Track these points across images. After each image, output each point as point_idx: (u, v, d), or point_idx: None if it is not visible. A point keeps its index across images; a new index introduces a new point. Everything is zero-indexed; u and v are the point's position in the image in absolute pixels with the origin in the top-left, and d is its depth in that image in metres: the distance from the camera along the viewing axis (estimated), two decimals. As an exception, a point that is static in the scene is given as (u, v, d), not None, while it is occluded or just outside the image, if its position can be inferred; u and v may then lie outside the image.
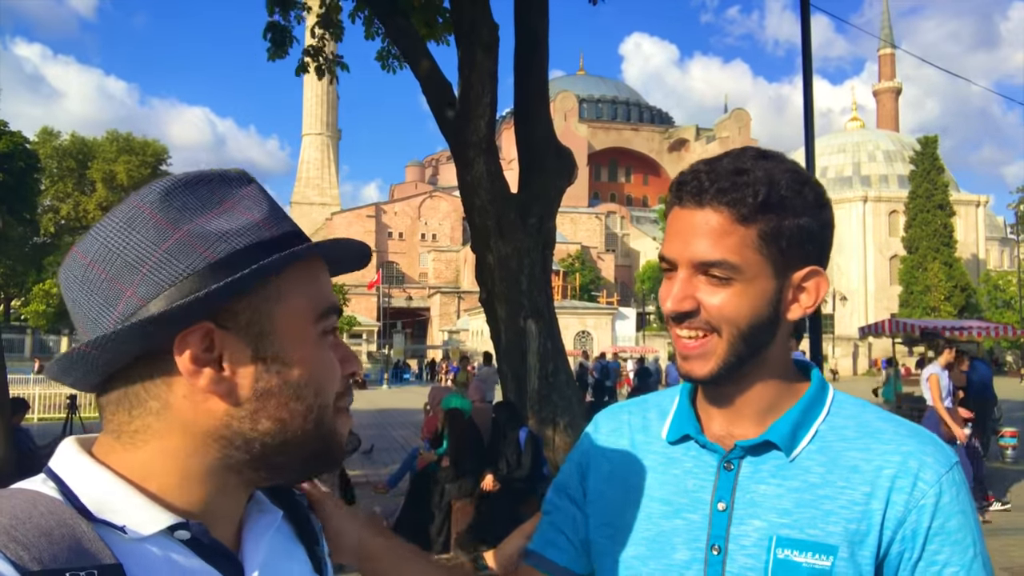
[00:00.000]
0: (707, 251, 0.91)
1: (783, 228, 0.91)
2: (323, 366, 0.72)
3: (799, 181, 0.92)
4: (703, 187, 0.91)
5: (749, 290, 0.91)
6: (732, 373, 0.94)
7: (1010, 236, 77.11)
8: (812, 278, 0.94)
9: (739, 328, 0.92)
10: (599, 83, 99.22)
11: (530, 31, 8.20)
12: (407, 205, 79.78)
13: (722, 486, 0.95)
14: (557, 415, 7.65)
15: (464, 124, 7.77)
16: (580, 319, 49.37)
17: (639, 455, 1.04)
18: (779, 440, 0.94)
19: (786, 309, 0.94)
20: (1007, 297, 56.68)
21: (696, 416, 1.02)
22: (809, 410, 0.96)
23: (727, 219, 0.90)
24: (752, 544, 0.91)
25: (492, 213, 7.71)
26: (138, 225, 0.65)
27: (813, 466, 0.93)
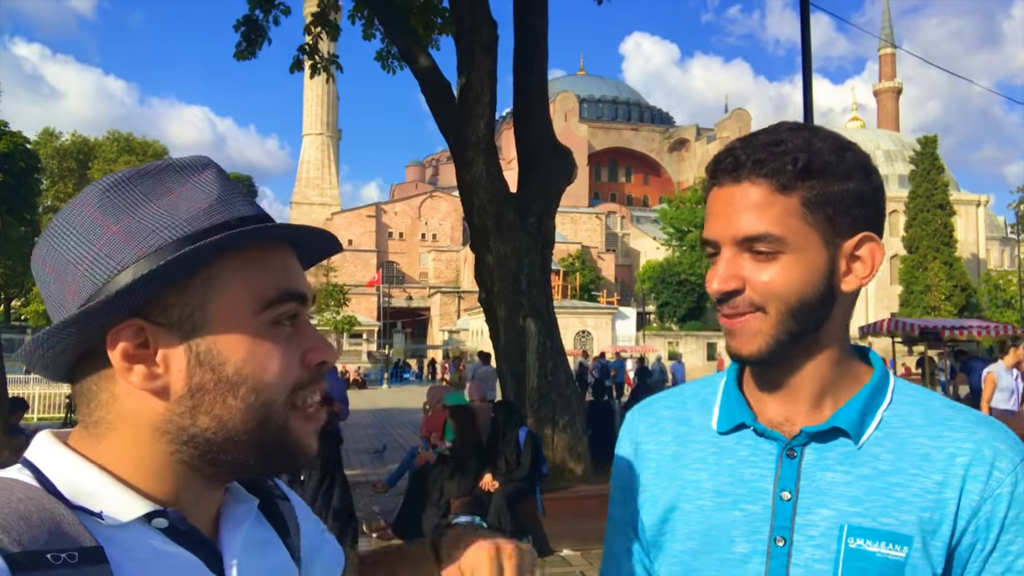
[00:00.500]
0: (749, 225, 0.87)
1: (828, 193, 0.86)
2: (265, 359, 0.68)
3: (840, 146, 0.88)
4: (739, 162, 0.88)
5: (798, 262, 0.87)
6: (783, 352, 0.89)
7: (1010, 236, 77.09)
8: (865, 244, 0.89)
9: (788, 304, 0.87)
10: (599, 83, 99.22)
11: (529, 30, 8.20)
12: (407, 205, 79.80)
13: (785, 475, 0.91)
14: (556, 414, 7.66)
15: (463, 124, 7.78)
16: (580, 319, 49.37)
17: (685, 448, 1.00)
18: (847, 426, 0.90)
19: (840, 281, 0.89)
20: (1007, 297, 56.66)
21: (747, 402, 0.96)
22: (875, 395, 0.92)
23: (767, 190, 0.87)
24: (820, 534, 0.88)
25: (491, 213, 7.72)
26: (76, 223, 0.65)
27: (882, 453, 0.89)
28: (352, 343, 52.99)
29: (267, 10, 9.97)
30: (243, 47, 9.97)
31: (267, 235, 0.69)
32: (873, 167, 0.90)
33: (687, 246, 59.01)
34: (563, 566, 6.32)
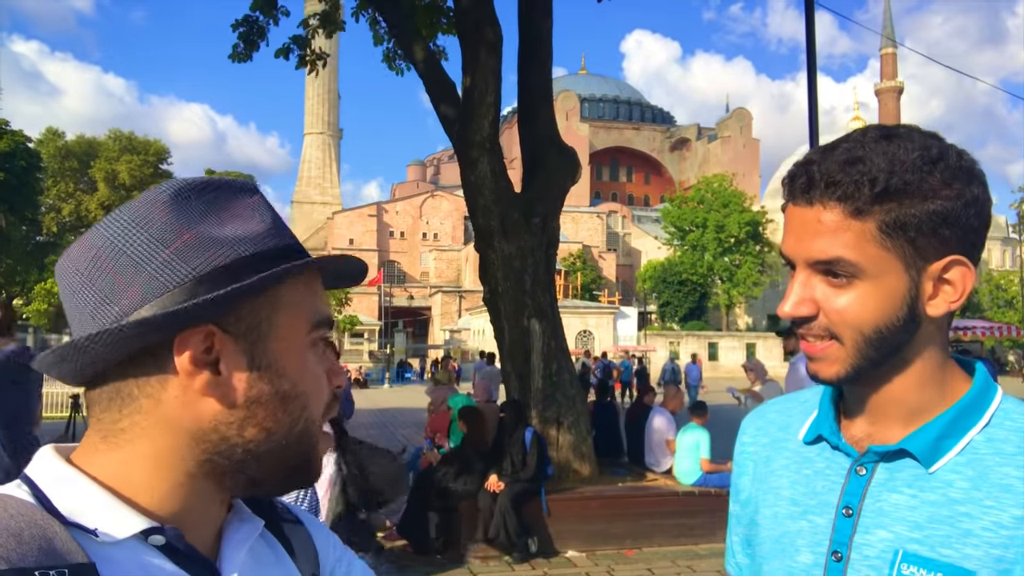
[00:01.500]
0: (821, 250, 0.83)
1: (909, 215, 0.80)
2: (313, 379, 0.72)
3: (928, 160, 0.80)
4: (812, 182, 0.83)
5: (875, 290, 0.82)
6: (865, 375, 0.86)
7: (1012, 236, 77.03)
8: (955, 268, 0.82)
9: (863, 333, 0.83)
10: (601, 82, 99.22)
11: (534, 30, 8.18)
12: (408, 204, 79.81)
13: (850, 491, 0.88)
14: (561, 414, 7.65)
15: (467, 123, 7.76)
16: (582, 318, 49.36)
17: (776, 453, 0.99)
18: (917, 450, 0.84)
19: (925, 305, 0.83)
20: (1009, 297, 56.63)
21: (836, 416, 0.94)
22: (961, 418, 0.85)
23: (840, 215, 0.81)
24: (875, 556, 0.84)
25: (496, 212, 7.70)
26: (147, 224, 0.66)
27: (957, 480, 0.82)
28: (353, 342, 53.00)
29: (269, 12, 9.93)
30: (240, 48, 9.89)
31: (334, 265, 0.75)
32: (971, 179, 0.82)
33: (688, 246, 58.99)
34: (568, 567, 6.30)
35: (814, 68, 9.10)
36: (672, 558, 6.48)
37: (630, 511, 6.95)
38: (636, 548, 6.72)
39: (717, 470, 7.19)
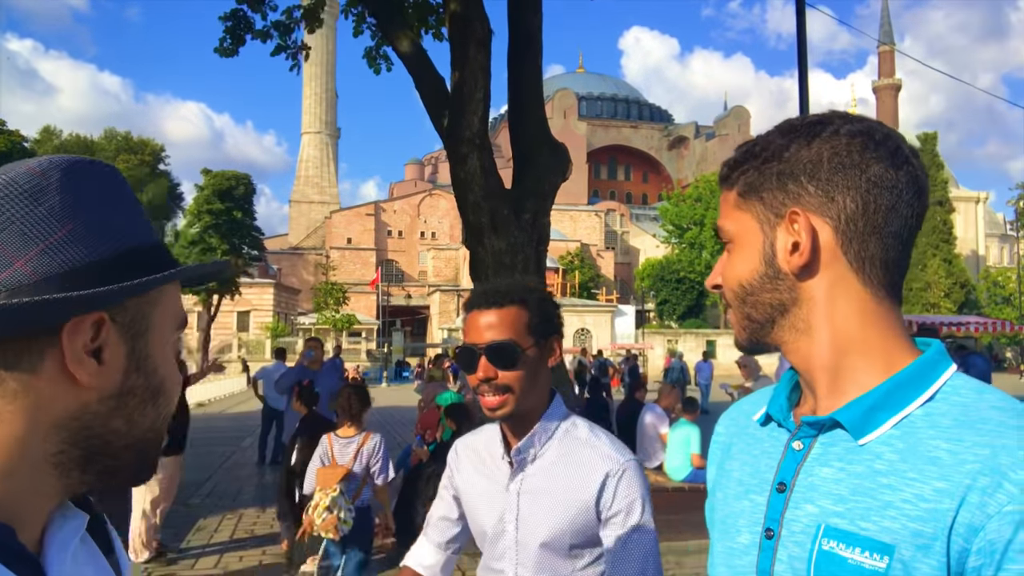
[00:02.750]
0: (715, 223, 0.94)
1: (760, 177, 0.87)
2: (175, 375, 0.73)
3: (789, 129, 0.87)
4: (721, 171, 0.94)
5: (740, 250, 0.90)
6: (762, 337, 0.90)
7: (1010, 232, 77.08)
8: (797, 219, 0.84)
9: (733, 291, 0.90)
10: (598, 81, 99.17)
11: (523, 25, 8.17)
12: (406, 203, 79.76)
13: (785, 466, 0.87)
14: (551, 411, 7.63)
15: (457, 119, 7.75)
16: (580, 317, 49.36)
17: (736, 440, 1.00)
18: (846, 421, 0.82)
19: (783, 261, 0.85)
20: (1006, 293, 56.67)
21: (787, 394, 0.95)
22: (898, 391, 0.81)
23: (724, 189, 0.93)
24: (800, 531, 0.82)
25: (486, 209, 7.68)
26: (44, 198, 0.63)
27: (886, 452, 0.79)
28: (351, 341, 52.98)
29: (256, 7, 9.89)
30: (227, 43, 9.86)
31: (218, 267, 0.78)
32: (852, 139, 0.83)
33: (687, 244, 58.98)
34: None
35: (805, 69, 9.09)
36: (661, 553, 6.46)
37: (620, 508, 6.94)
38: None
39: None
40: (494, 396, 1.48)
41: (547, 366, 1.56)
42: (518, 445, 1.53)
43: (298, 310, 63.73)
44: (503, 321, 1.50)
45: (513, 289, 1.54)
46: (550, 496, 1.50)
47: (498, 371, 1.47)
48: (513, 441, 1.56)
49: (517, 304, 1.52)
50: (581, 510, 1.49)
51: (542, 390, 1.56)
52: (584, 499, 1.48)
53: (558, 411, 1.59)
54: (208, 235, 42.29)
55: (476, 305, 1.55)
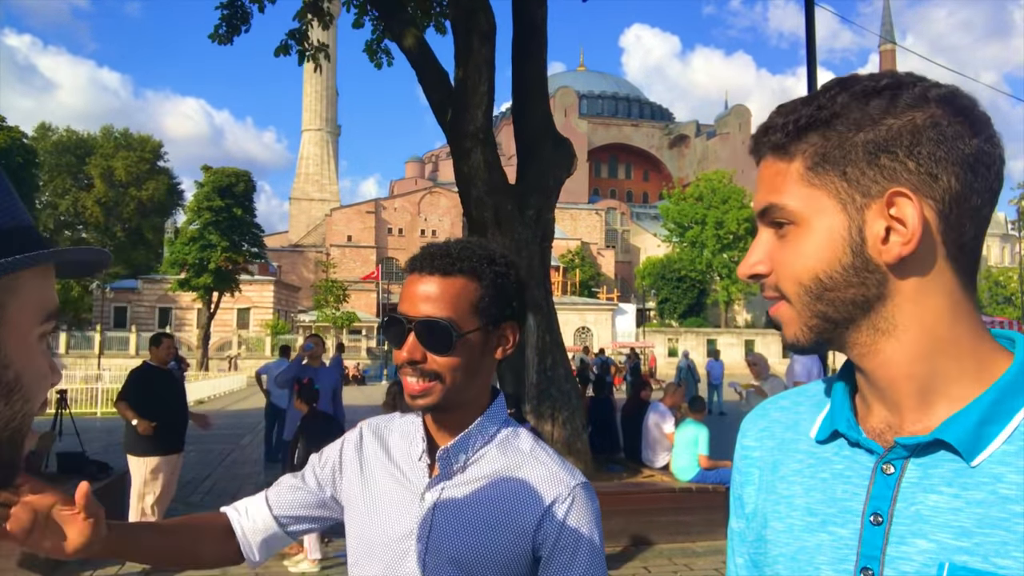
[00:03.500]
0: (760, 199, 0.78)
1: (834, 148, 0.72)
2: (37, 372, 0.67)
3: (869, 91, 0.72)
4: (758, 139, 0.79)
5: (811, 234, 0.74)
6: (831, 337, 0.76)
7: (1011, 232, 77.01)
8: (899, 201, 0.70)
9: (803, 284, 0.75)
10: (599, 79, 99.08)
11: (528, 19, 8.07)
12: (407, 201, 79.65)
13: (878, 494, 0.74)
14: (556, 410, 7.53)
15: (461, 113, 7.64)
16: (580, 315, 49.29)
17: (785, 457, 0.85)
18: (956, 440, 0.70)
19: (877, 250, 0.72)
20: (1008, 293, 56.60)
21: (853, 406, 0.81)
22: (1005, 399, 0.70)
23: (774, 160, 0.77)
24: (915, 571, 0.70)
25: (489, 204, 7.58)
26: None
27: (1008, 473, 0.68)
28: (351, 339, 52.88)
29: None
30: (222, 31, 9.79)
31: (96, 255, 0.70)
32: (943, 105, 0.71)
33: (687, 242, 58.89)
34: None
35: (814, 64, 8.98)
36: (669, 556, 6.37)
37: (626, 508, 6.84)
38: (632, 546, 6.61)
39: (715, 466, 7.08)
40: (418, 381, 1.18)
41: (493, 357, 1.26)
42: (448, 446, 1.22)
43: (298, 307, 63.63)
44: (445, 293, 1.18)
45: (467, 254, 1.20)
46: (476, 514, 1.19)
47: (427, 353, 1.17)
48: (439, 440, 1.25)
49: (467, 275, 1.19)
50: (514, 539, 1.18)
51: (482, 385, 1.26)
52: (520, 525, 1.18)
53: (500, 414, 1.30)
54: (208, 232, 42.20)
55: (417, 267, 1.22)
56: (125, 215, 64.84)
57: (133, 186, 63.84)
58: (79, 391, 20.66)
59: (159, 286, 56.43)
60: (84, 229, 65.72)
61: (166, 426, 6.11)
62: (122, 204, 64.03)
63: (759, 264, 0.78)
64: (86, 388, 21.81)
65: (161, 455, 6.11)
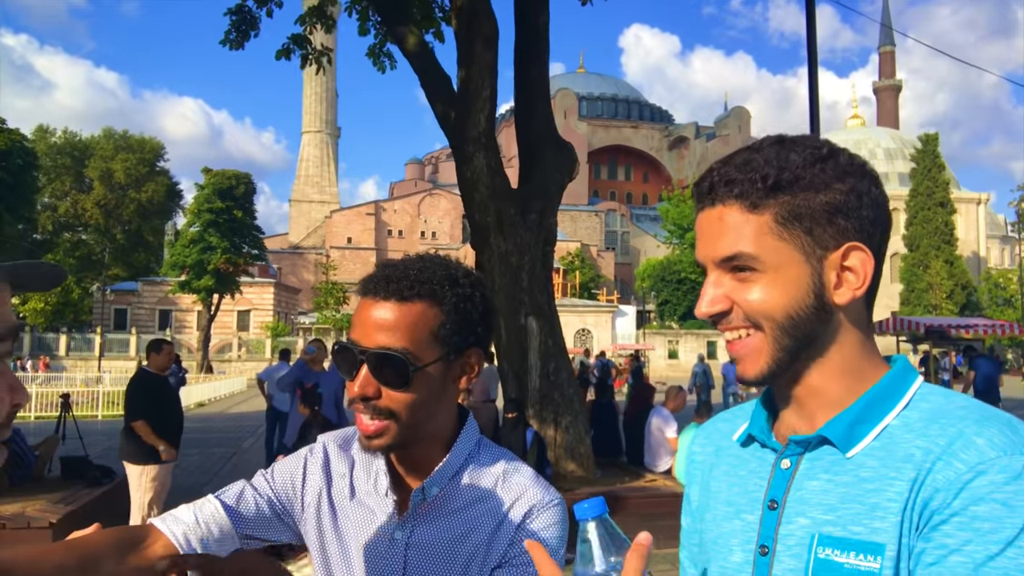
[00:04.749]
0: (726, 246, 0.87)
1: (803, 207, 0.85)
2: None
3: (818, 158, 0.86)
4: (713, 185, 0.89)
5: (779, 280, 0.86)
6: (785, 370, 0.88)
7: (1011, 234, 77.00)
8: (853, 254, 0.85)
9: (776, 321, 0.86)
10: (599, 81, 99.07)
11: (530, 23, 8.07)
12: (407, 203, 79.67)
13: (775, 484, 0.89)
14: (558, 414, 7.53)
15: (463, 118, 7.64)
16: (580, 317, 49.26)
17: (719, 460, 1.01)
18: (834, 436, 0.86)
19: (832, 294, 0.86)
20: (1008, 295, 56.58)
21: (767, 414, 0.96)
22: (876, 404, 0.86)
23: (739, 211, 0.87)
24: (795, 544, 0.84)
25: (492, 209, 7.58)
26: None
27: (869, 461, 0.84)
28: (351, 341, 52.88)
29: (262, 2, 9.84)
30: (232, 36, 9.83)
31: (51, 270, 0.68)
32: (864, 173, 0.87)
33: (687, 244, 58.86)
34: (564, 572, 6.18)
35: (815, 65, 8.98)
36: (671, 561, 6.34)
37: (628, 512, 6.83)
38: (635, 550, 6.61)
39: (717, 471, 7.09)
40: (371, 420, 1.08)
41: (456, 387, 1.16)
42: (423, 484, 1.13)
43: (298, 310, 63.62)
44: (401, 321, 1.07)
45: (426, 276, 1.10)
46: (452, 551, 1.12)
47: (381, 388, 1.07)
48: (405, 475, 1.17)
49: (426, 299, 1.08)
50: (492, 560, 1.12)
51: (445, 417, 1.17)
52: (496, 553, 1.12)
53: (469, 440, 1.20)
54: (208, 234, 42.17)
55: (371, 291, 1.10)
56: (125, 217, 64.82)
57: (133, 188, 63.83)
58: (80, 394, 20.64)
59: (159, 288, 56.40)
60: (84, 231, 65.68)
61: (163, 434, 6.09)
62: (122, 206, 64.01)
63: (718, 303, 0.89)
64: (87, 391, 21.79)
65: (159, 463, 6.09)
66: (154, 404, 6.11)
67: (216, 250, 41.60)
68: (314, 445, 1.26)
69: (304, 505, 1.21)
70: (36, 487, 6.82)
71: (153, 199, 64.54)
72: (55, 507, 6.12)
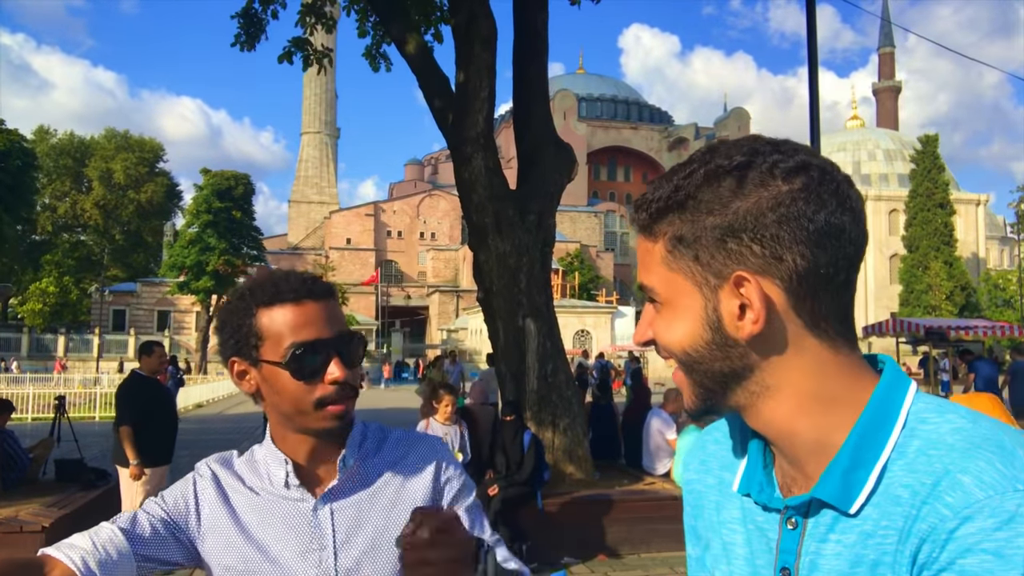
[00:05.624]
0: (638, 276, 0.82)
1: (686, 231, 0.75)
2: None
3: (721, 171, 0.74)
4: (632, 216, 0.81)
5: (676, 312, 0.77)
6: (719, 404, 0.79)
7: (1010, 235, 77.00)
8: (744, 285, 0.73)
9: (679, 357, 0.79)
10: (598, 82, 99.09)
11: (529, 23, 8.04)
12: (406, 204, 79.62)
13: (785, 547, 0.78)
14: (557, 416, 7.49)
15: (461, 119, 7.60)
16: (579, 318, 49.21)
17: (726, 502, 0.87)
18: (829, 497, 0.73)
19: (734, 327, 0.74)
20: (1007, 296, 56.58)
21: (762, 461, 0.84)
22: (867, 440, 0.73)
23: (643, 240, 0.80)
24: None
25: (490, 210, 7.54)
26: None
27: (873, 513, 0.71)
28: (350, 342, 52.84)
29: (266, 3, 9.86)
30: (242, 38, 9.88)
31: None
32: (792, 182, 0.73)
33: (686, 245, 58.96)
34: (564, 574, 6.13)
35: (815, 65, 8.95)
36: (670, 564, 6.31)
37: (628, 515, 6.79)
38: (633, 553, 6.56)
39: (717, 473, 7.04)
40: (351, 401, 1.20)
41: None
42: (343, 455, 1.24)
43: (297, 310, 63.54)
44: (340, 314, 1.24)
45: (321, 280, 1.26)
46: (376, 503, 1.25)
47: (347, 370, 1.19)
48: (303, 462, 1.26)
49: (335, 297, 1.26)
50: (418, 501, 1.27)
51: None
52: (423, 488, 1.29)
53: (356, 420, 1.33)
54: (207, 235, 42.14)
55: (304, 295, 1.20)
56: (124, 218, 64.77)
57: (132, 188, 63.77)
58: (77, 395, 20.58)
59: (158, 289, 56.35)
60: (83, 232, 65.63)
61: (155, 438, 6.01)
62: (121, 207, 63.96)
63: (645, 332, 0.82)
64: (84, 392, 21.73)
65: (150, 467, 6.02)
66: (144, 408, 6.01)
67: (215, 251, 41.58)
68: (197, 467, 1.33)
69: (201, 519, 1.26)
70: (30, 490, 6.77)
71: (152, 200, 64.50)
72: (49, 511, 6.06)
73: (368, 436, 1.32)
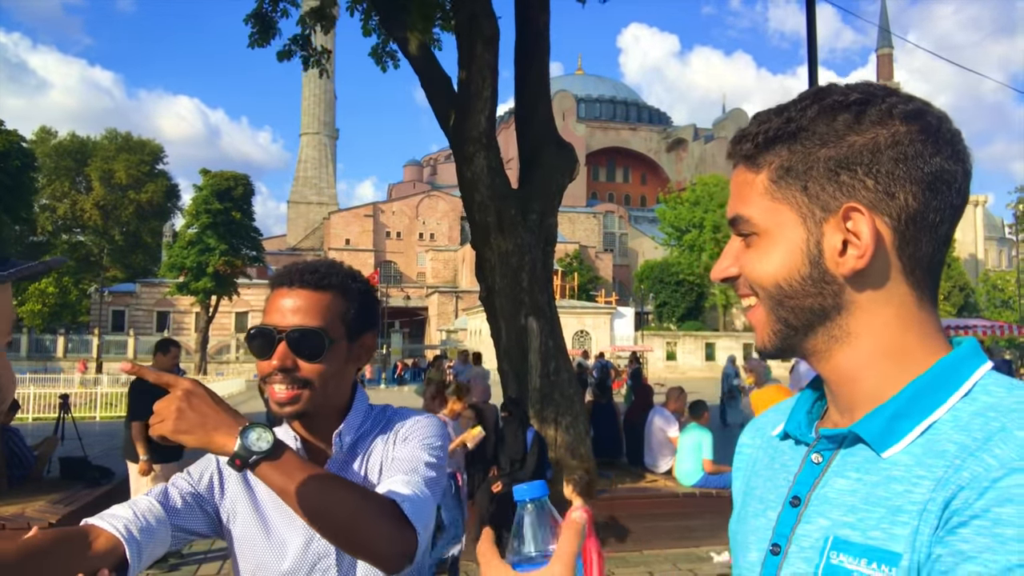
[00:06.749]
0: (729, 210, 0.81)
1: (797, 161, 0.75)
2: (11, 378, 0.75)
3: (835, 106, 0.74)
4: (733, 146, 0.82)
5: (774, 245, 0.77)
6: (794, 344, 0.79)
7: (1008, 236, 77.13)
8: (853, 216, 0.73)
9: (768, 291, 0.78)
10: (597, 83, 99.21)
11: (531, 23, 8.07)
12: (405, 205, 79.65)
13: (802, 480, 0.79)
14: (559, 414, 7.51)
15: (464, 119, 7.63)
16: (578, 318, 49.26)
17: (762, 454, 0.92)
18: (867, 434, 0.74)
19: (832, 263, 0.74)
20: (1005, 297, 56.70)
21: (808, 407, 0.87)
22: (923, 396, 0.73)
23: (743, 171, 0.80)
24: (809, 546, 0.75)
25: (492, 209, 7.56)
26: None
27: (904, 459, 0.71)
28: (349, 343, 52.82)
29: (275, 4, 9.96)
30: (255, 37, 10.00)
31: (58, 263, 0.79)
32: (908, 123, 0.73)
33: (685, 246, 58.91)
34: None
35: (815, 65, 8.99)
36: (673, 560, 6.35)
37: (630, 513, 6.83)
38: (636, 551, 6.60)
39: (720, 471, 7.07)
40: (287, 389, 1.29)
41: (355, 366, 1.40)
42: (339, 431, 1.37)
43: (296, 311, 63.53)
44: (316, 305, 1.31)
45: (333, 272, 1.36)
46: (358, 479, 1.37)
47: (298, 360, 1.28)
48: (308, 440, 1.39)
49: (334, 289, 1.34)
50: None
51: (345, 388, 1.40)
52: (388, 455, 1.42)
53: (364, 400, 1.45)
54: (206, 236, 42.13)
55: (286, 282, 1.34)
56: (123, 218, 64.74)
57: (132, 189, 63.77)
58: (78, 395, 20.58)
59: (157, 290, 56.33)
60: (82, 232, 65.61)
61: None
62: (121, 207, 63.94)
63: (730, 268, 0.81)
64: (84, 392, 21.73)
65: (160, 463, 6.07)
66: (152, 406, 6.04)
67: (214, 252, 41.55)
68: None
69: (225, 492, 1.39)
70: (35, 488, 6.80)
71: (152, 200, 64.49)
72: (54, 508, 6.10)
73: (371, 417, 1.44)
